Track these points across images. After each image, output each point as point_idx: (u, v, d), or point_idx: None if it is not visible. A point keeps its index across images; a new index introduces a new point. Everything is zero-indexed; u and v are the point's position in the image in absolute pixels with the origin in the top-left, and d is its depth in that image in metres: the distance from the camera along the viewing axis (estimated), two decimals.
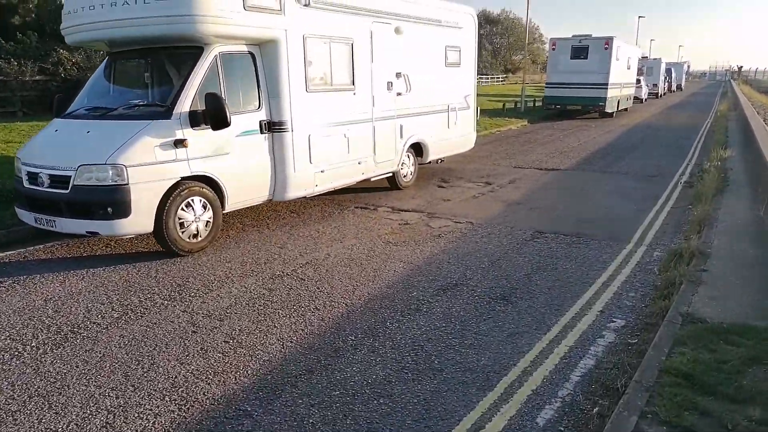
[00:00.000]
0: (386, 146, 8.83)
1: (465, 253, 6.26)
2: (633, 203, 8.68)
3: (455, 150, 11.16)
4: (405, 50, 9.00)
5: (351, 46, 7.79)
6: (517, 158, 13.40)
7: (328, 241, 6.68)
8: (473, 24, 10.99)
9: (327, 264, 5.87)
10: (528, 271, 5.73)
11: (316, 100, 7.28)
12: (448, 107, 10.49)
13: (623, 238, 6.83)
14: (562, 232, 7.12)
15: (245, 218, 7.64)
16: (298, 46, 6.88)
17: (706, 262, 5.44)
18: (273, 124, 6.79)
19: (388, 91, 8.71)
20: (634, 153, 14.28)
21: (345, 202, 8.71)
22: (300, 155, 7.07)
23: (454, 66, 10.51)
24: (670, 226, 7.39)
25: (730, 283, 4.94)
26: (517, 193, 9.50)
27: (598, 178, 10.85)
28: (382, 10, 8.31)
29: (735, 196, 8.45)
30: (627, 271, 5.69)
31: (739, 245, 6.03)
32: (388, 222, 7.59)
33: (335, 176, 7.80)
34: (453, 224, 7.50)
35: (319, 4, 7.07)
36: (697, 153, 14.09)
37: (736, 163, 11.41)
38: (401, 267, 5.79)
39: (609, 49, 22.30)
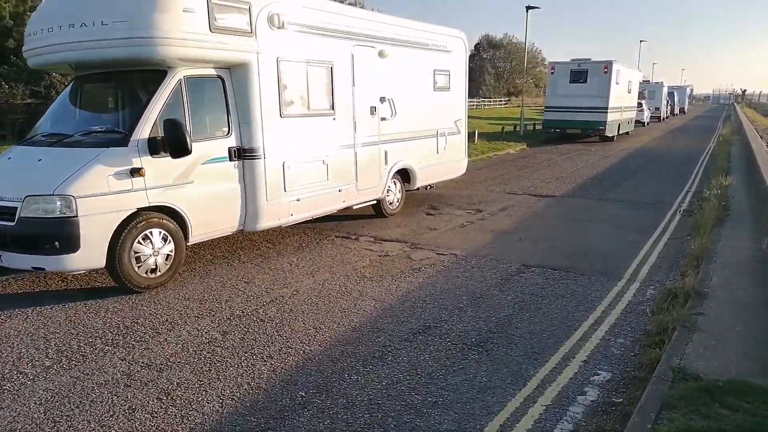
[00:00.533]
0: (370, 173, 8.46)
1: (443, 290, 5.82)
2: (628, 234, 8.24)
3: (445, 176, 10.79)
4: (390, 74, 8.68)
5: (330, 70, 7.47)
6: (511, 184, 13.01)
7: (300, 275, 6.26)
8: (463, 47, 10.70)
9: (293, 302, 5.45)
10: (509, 311, 5.28)
11: (291, 126, 6.93)
12: (437, 132, 10.14)
13: (615, 273, 6.38)
14: (551, 265, 6.68)
15: (217, 249, 7.24)
16: (271, 69, 6.55)
17: (702, 304, 4.99)
18: (244, 151, 6.43)
19: (371, 116, 8.37)
20: (633, 179, 13.87)
21: (326, 230, 8.32)
22: (273, 183, 6.70)
23: (443, 90, 10.20)
24: (666, 259, 6.94)
25: (728, 330, 4.48)
26: (508, 222, 9.08)
27: (593, 206, 10.43)
28: (364, 34, 8.01)
29: (736, 227, 8.01)
30: (617, 313, 5.24)
31: (739, 283, 5.58)
32: (368, 253, 7.18)
33: (313, 205, 7.41)
34: (435, 256, 7.07)
35: (294, 27, 6.76)
36: (698, 179, 13.67)
37: (738, 190, 10.97)
38: (372, 306, 5.36)
39: (608, 73, 22.06)
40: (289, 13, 6.66)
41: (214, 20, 5.82)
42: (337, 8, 7.65)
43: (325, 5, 7.43)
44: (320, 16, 7.16)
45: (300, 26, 6.85)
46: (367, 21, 8.16)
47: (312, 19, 7.03)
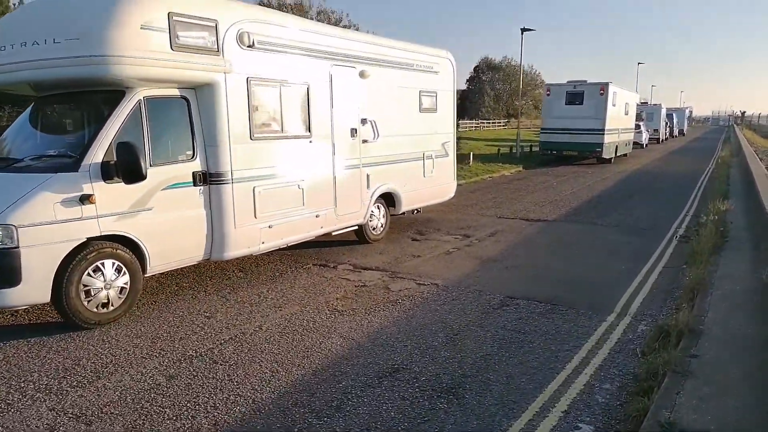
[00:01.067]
0: (350, 197, 8.09)
1: (419, 326, 5.40)
2: (622, 261, 7.83)
3: (432, 200, 10.42)
4: (372, 95, 8.37)
5: (306, 90, 7.15)
6: (503, 207, 12.63)
7: (267, 309, 5.84)
8: (451, 68, 10.42)
9: (254, 340, 5.02)
10: (487, 350, 4.85)
11: (263, 149, 6.59)
12: (423, 155, 9.81)
13: (605, 307, 5.96)
14: (537, 297, 6.26)
15: (184, 278, 6.84)
16: (241, 89, 6.23)
17: (696, 344, 4.55)
18: (210, 176, 6.07)
19: (352, 138, 8.04)
20: (629, 202, 13.49)
21: (303, 258, 7.91)
22: (242, 209, 6.32)
23: (429, 111, 9.89)
24: (660, 291, 6.52)
25: (724, 375, 4.04)
26: (496, 249, 8.67)
27: (586, 231, 10.03)
28: (344, 53, 7.72)
29: (735, 255, 7.59)
30: (604, 353, 4.81)
31: (737, 319, 5.15)
32: (344, 284, 6.76)
33: (286, 231, 7.02)
34: (415, 287, 6.66)
35: (266, 46, 6.46)
36: (697, 203, 13.29)
37: (737, 215, 10.56)
38: (339, 345, 4.93)
39: (605, 95, 21.85)
40: (260, 32, 6.36)
41: (176, 38, 5.51)
42: (313, 27, 7.38)
43: (301, 24, 7.16)
44: (295, 34, 6.87)
45: (273, 45, 6.55)
46: (347, 40, 7.87)
47: (286, 38, 6.74)
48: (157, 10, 5.34)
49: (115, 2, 5.16)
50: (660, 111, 42.43)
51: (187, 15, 5.60)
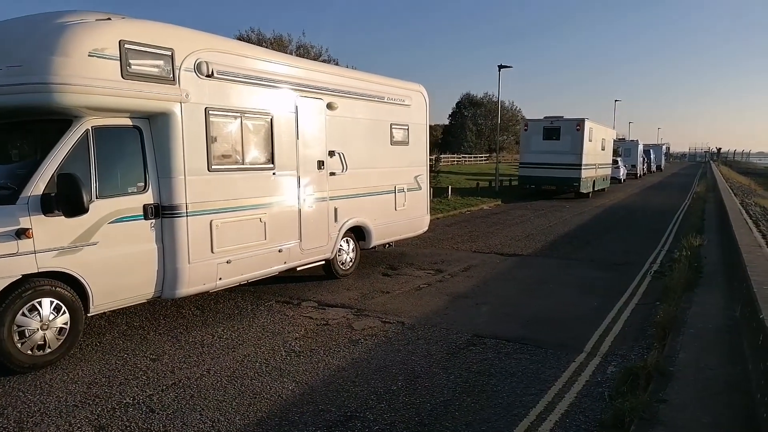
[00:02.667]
0: (316, 231, 7.84)
1: (379, 368, 5.10)
2: (594, 298, 7.64)
3: (404, 234, 10.20)
4: (340, 127, 8.23)
5: (270, 122, 6.97)
6: (479, 242, 12.45)
7: (219, 351, 5.50)
8: (423, 101, 10.37)
9: (198, 385, 4.67)
10: (448, 395, 4.56)
11: (221, 181, 6.34)
12: (394, 188, 9.64)
13: (576, 346, 5.72)
14: (505, 336, 6.00)
15: (135, 317, 6.47)
16: (198, 119, 6.02)
17: (666, 387, 4.32)
18: (163, 208, 5.80)
19: (318, 171, 7.84)
20: (605, 237, 13.42)
21: (266, 294, 7.59)
22: (197, 244, 6.03)
23: (401, 144, 9.77)
24: (632, 329, 6.31)
25: (694, 422, 3.80)
26: (468, 284, 8.44)
27: (560, 267, 9.86)
28: (310, 84, 7.58)
29: (708, 292, 7.44)
30: (571, 397, 4.54)
31: (709, 360, 4.94)
32: (305, 322, 6.45)
33: (246, 267, 6.72)
34: (380, 325, 6.37)
35: (226, 76, 6.29)
36: (672, 237, 13.25)
37: (711, 251, 10.51)
38: (291, 390, 4.60)
39: (581, 131, 22.10)
40: (220, 61, 6.20)
41: (128, 66, 5.31)
42: (276, 57, 7.24)
43: (263, 54, 7.04)
44: (257, 65, 6.73)
45: (233, 75, 6.38)
46: (313, 71, 7.76)
47: (248, 68, 6.58)
48: (108, 38, 5.15)
49: (61, 28, 4.96)
50: (637, 147, 43.21)
51: (140, 43, 5.41)
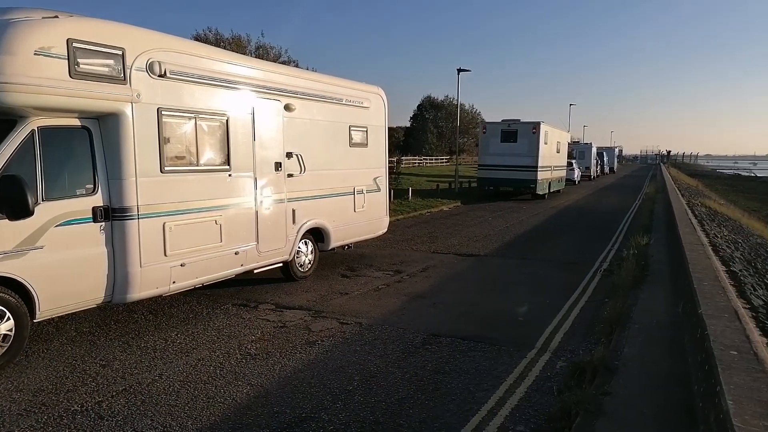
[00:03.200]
0: (274, 233, 7.81)
1: (335, 369, 5.12)
2: (547, 296, 7.87)
3: (364, 235, 10.25)
4: (299, 129, 8.22)
5: (225, 123, 6.91)
6: (438, 242, 12.61)
7: (172, 355, 5.42)
8: (382, 103, 10.45)
9: (150, 391, 4.60)
10: (404, 393, 4.63)
11: (175, 182, 6.25)
12: (353, 189, 9.67)
13: (527, 343, 5.89)
14: (460, 334, 6.13)
15: (85, 322, 6.30)
16: (150, 120, 5.92)
17: (611, 381, 4.50)
18: (113, 211, 5.67)
19: (276, 173, 7.81)
20: (559, 237, 13.80)
21: (222, 297, 7.50)
22: (150, 247, 5.92)
23: (360, 146, 9.82)
24: (581, 325, 6.53)
25: (636, 414, 3.98)
26: (426, 284, 8.55)
27: (516, 266, 10.10)
28: (267, 86, 7.55)
29: (654, 289, 7.77)
30: (521, 392, 4.68)
31: (652, 355, 5.17)
32: (262, 325, 6.41)
33: (201, 270, 6.63)
34: (338, 326, 6.39)
35: (180, 76, 6.20)
36: (622, 237, 13.74)
37: (658, 249, 10.96)
38: (245, 393, 4.58)
39: (537, 133, 22.65)
40: (173, 61, 6.11)
41: (76, 65, 5.17)
42: (232, 58, 7.18)
43: (218, 54, 6.97)
44: (212, 65, 6.66)
45: (187, 75, 6.30)
46: (271, 73, 7.72)
47: (202, 68, 6.51)
48: (55, 36, 5.01)
49: (5, 26, 4.80)
50: (591, 149, 44.51)
51: (89, 42, 5.28)
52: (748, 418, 2.69)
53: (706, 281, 6.00)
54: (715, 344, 3.77)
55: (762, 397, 2.93)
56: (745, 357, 3.57)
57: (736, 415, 2.71)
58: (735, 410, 2.77)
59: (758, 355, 3.64)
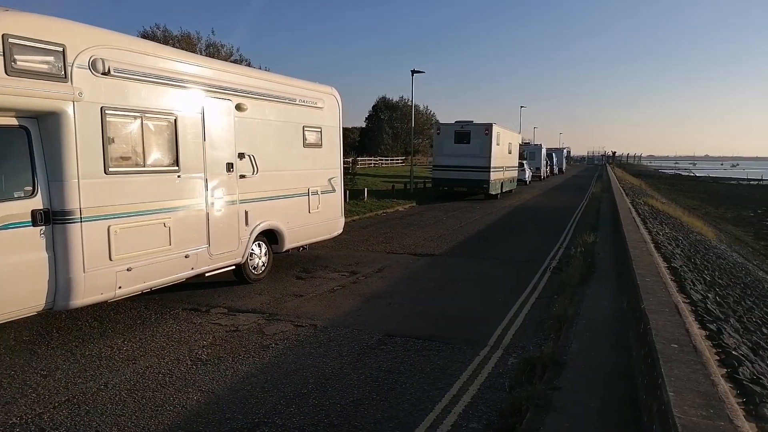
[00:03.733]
0: (226, 235, 7.65)
1: (289, 372, 5.06)
2: (499, 294, 8.02)
3: (319, 236, 10.18)
4: (251, 129, 8.08)
5: (174, 123, 6.72)
6: (393, 243, 12.66)
7: (118, 363, 5.22)
8: (336, 104, 10.41)
9: (96, 400, 4.42)
10: (358, 395, 4.62)
11: (120, 184, 6.03)
12: (308, 190, 9.59)
13: (480, 340, 5.99)
14: (415, 334, 6.17)
15: (24, 330, 6.00)
16: (93, 120, 5.69)
17: (560, 376, 4.63)
18: (54, 214, 5.42)
19: (228, 174, 7.65)
20: (511, 236, 14.11)
21: (172, 302, 7.29)
22: (94, 251, 5.69)
23: (314, 147, 9.74)
24: (532, 322, 6.70)
25: (584, 408, 4.10)
26: (381, 285, 8.57)
27: (469, 265, 10.25)
28: (218, 85, 7.39)
29: (600, 285, 8.05)
30: (474, 389, 4.76)
31: (598, 349, 5.35)
32: (214, 329, 6.27)
33: (150, 274, 6.42)
34: (292, 329, 6.32)
35: (125, 74, 5.99)
36: (571, 235, 14.17)
37: (604, 247, 11.36)
38: (196, 400, 4.47)
39: (489, 135, 23.07)
40: (117, 59, 5.89)
41: (12, 62, 4.92)
42: (180, 56, 6.99)
43: (166, 52, 6.76)
44: (159, 63, 6.46)
45: (132, 73, 6.09)
46: (221, 71, 7.56)
47: (148, 66, 6.31)
48: None
49: None
50: (541, 150, 45.73)
51: (27, 38, 5.03)
52: (688, 408, 2.81)
53: (649, 277, 6.25)
54: (657, 338, 3.93)
55: (700, 388, 3.08)
56: (684, 350, 3.73)
57: (676, 406, 2.83)
58: (675, 401, 2.89)
59: (697, 347, 3.82)
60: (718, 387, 3.11)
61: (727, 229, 26.29)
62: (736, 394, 3.48)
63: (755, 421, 3.13)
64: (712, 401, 2.91)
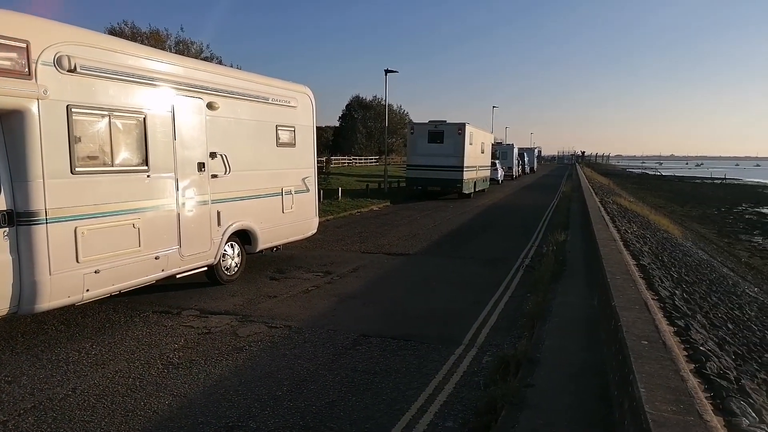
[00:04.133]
0: (198, 236, 7.52)
1: (264, 374, 5.01)
2: (473, 293, 8.09)
3: (293, 236, 10.09)
4: (223, 128, 7.97)
5: (143, 121, 6.57)
6: (368, 242, 12.64)
7: (87, 367, 5.09)
8: (309, 103, 10.33)
9: (63, 406, 4.29)
10: (334, 396, 4.60)
11: (88, 184, 5.87)
12: (281, 190, 9.50)
13: (455, 339, 6.03)
14: (390, 334, 6.17)
15: None
16: (58, 118, 5.52)
17: (533, 373, 4.69)
18: (18, 215, 5.25)
19: (199, 173, 7.53)
20: (484, 235, 14.24)
21: (142, 305, 7.14)
22: (60, 253, 5.53)
23: (287, 146, 9.66)
24: (505, 320, 6.77)
25: (557, 404, 4.16)
26: (356, 285, 8.54)
27: (443, 264, 10.31)
28: (189, 83, 7.26)
29: (571, 283, 8.18)
30: (450, 388, 4.78)
31: (570, 346, 5.43)
32: (186, 332, 6.16)
33: (118, 277, 6.27)
34: (267, 330, 6.25)
35: (92, 71, 5.83)
36: (542, 233, 14.37)
37: (575, 244, 11.55)
38: (167, 404, 4.38)
39: (462, 134, 23.23)
40: (84, 55, 5.74)
41: None
42: (149, 53, 6.83)
43: (134, 49, 6.62)
44: (127, 60, 6.31)
45: (100, 71, 5.93)
46: (192, 69, 7.43)
47: (117, 64, 6.15)
48: None
49: None
50: (513, 150, 46.31)
51: None
52: (659, 403, 2.87)
53: (619, 275, 6.38)
54: (627, 335, 4.01)
55: (670, 384, 3.14)
56: (654, 346, 3.82)
57: (648, 402, 2.89)
58: (646, 397, 2.95)
59: (666, 344, 3.90)
60: (687, 382, 3.19)
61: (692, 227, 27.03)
62: (704, 389, 3.57)
63: (722, 415, 3.22)
64: (681, 396, 2.97)
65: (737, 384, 3.97)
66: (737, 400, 3.53)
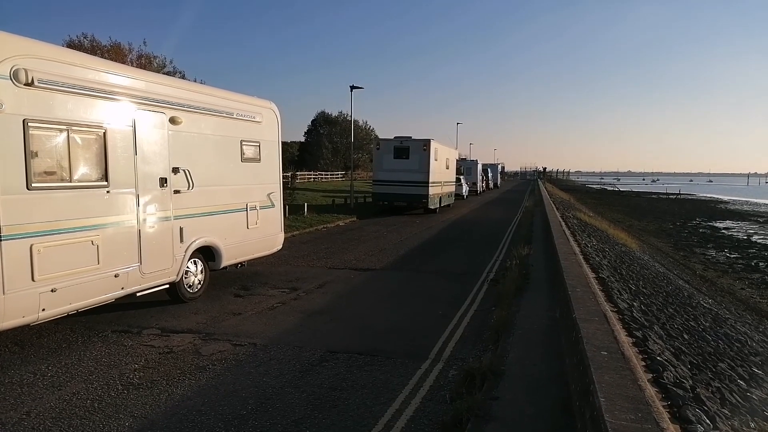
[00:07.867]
0: (159, 252, 7.36)
1: (227, 393, 4.91)
2: (439, 307, 8.14)
3: (258, 252, 9.99)
4: (186, 143, 7.87)
5: (103, 136, 6.43)
6: (334, 258, 12.60)
7: (42, 390, 4.90)
8: (274, 118, 10.31)
9: (17, 431, 4.11)
10: (300, 414, 4.55)
11: (44, 200, 5.70)
12: (246, 206, 9.41)
13: (422, 354, 6.05)
14: (357, 350, 6.15)
15: None
16: (14, 132, 5.36)
17: (498, 385, 4.75)
18: None
19: (161, 189, 7.39)
20: (450, 249, 14.38)
21: (100, 324, 6.93)
22: (14, 271, 5.33)
23: (252, 161, 9.59)
24: (471, 334, 6.84)
25: (521, 416, 4.22)
26: (322, 301, 8.49)
27: (410, 279, 10.36)
28: (150, 97, 7.16)
29: (534, 296, 8.33)
30: (416, 402, 4.79)
31: (533, 358, 5.53)
32: (146, 351, 6.00)
33: (76, 295, 6.08)
34: (231, 348, 6.15)
35: (48, 85, 5.69)
36: (506, 248, 14.61)
37: (538, 258, 11.78)
38: (128, 426, 4.25)
39: (427, 150, 23.50)
40: (42, 69, 5.60)
41: None
42: (109, 67, 6.72)
43: (93, 62, 6.50)
44: (87, 74, 6.19)
45: (58, 84, 5.79)
46: (154, 84, 7.33)
47: (75, 77, 6.03)
48: None
49: None
50: (477, 166, 47.05)
51: None
52: (618, 412, 2.96)
53: (579, 287, 6.54)
54: (588, 346, 4.12)
55: (629, 393, 3.24)
56: (614, 356, 3.93)
57: (607, 411, 2.97)
58: (606, 406, 3.03)
59: (625, 354, 4.02)
60: (645, 391, 3.29)
61: (649, 241, 27.92)
62: (661, 398, 3.68)
63: (679, 423, 3.33)
64: (639, 405, 3.07)
65: (693, 392, 4.12)
66: (693, 408, 3.66)
